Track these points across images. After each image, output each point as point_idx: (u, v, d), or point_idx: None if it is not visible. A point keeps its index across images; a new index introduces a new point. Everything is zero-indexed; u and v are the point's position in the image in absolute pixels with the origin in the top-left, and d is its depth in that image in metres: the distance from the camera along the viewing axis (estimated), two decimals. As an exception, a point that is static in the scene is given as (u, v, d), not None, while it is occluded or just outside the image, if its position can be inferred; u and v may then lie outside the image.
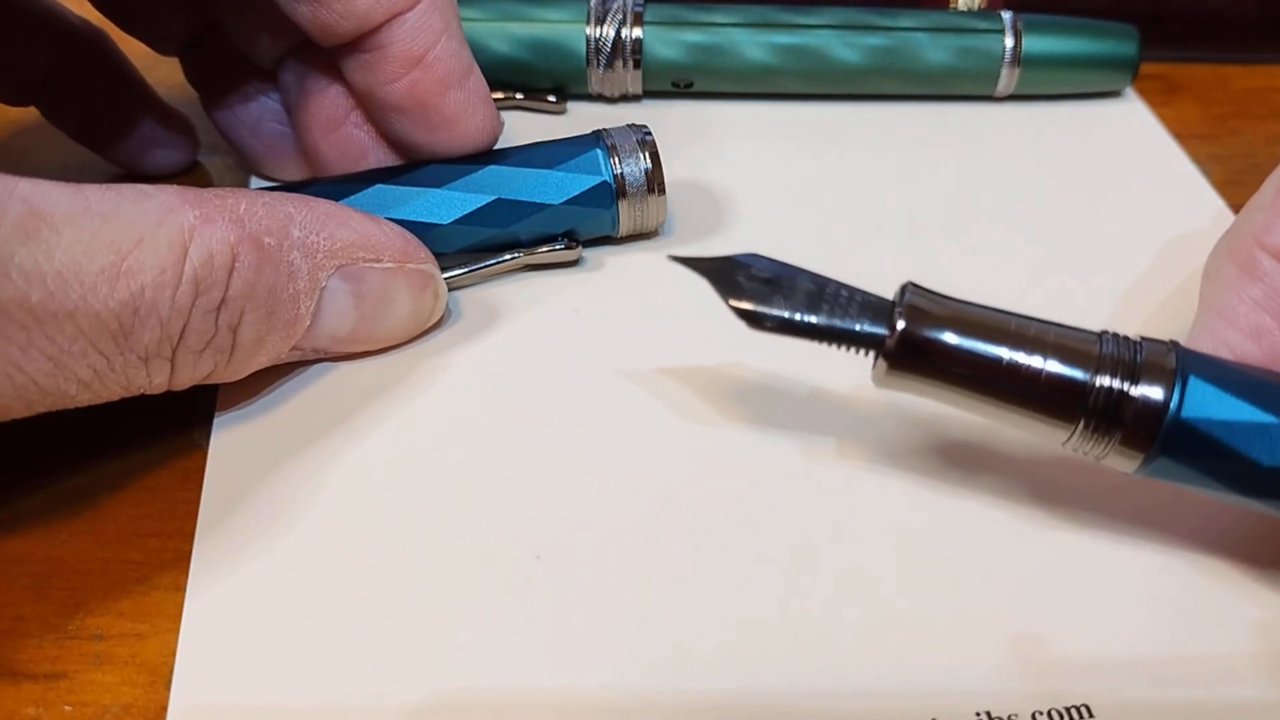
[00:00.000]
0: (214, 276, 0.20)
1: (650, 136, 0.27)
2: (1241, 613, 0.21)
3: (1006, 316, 0.20)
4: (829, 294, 0.20)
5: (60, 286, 0.18)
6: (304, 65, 0.27)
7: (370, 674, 0.20)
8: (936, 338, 0.19)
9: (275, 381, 0.25)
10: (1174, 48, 0.37)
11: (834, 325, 0.20)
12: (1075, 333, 0.20)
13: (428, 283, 0.25)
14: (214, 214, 0.20)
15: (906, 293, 0.20)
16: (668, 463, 0.24)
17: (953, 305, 0.20)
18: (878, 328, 0.20)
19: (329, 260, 0.23)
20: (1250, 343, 0.21)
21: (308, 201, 0.23)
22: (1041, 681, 0.20)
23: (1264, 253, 0.22)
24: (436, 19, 0.25)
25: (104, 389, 0.20)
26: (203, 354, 0.21)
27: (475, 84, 0.26)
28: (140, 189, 0.20)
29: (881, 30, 0.33)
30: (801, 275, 0.20)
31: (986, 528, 0.22)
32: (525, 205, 0.26)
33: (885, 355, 0.20)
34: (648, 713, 0.20)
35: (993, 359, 0.19)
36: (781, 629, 0.21)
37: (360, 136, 0.27)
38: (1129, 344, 0.20)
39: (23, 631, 0.21)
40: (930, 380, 0.20)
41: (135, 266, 0.19)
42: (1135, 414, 0.19)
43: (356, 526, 0.22)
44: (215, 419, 0.24)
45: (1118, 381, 0.19)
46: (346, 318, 0.24)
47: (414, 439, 0.24)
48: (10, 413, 0.19)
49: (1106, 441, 0.19)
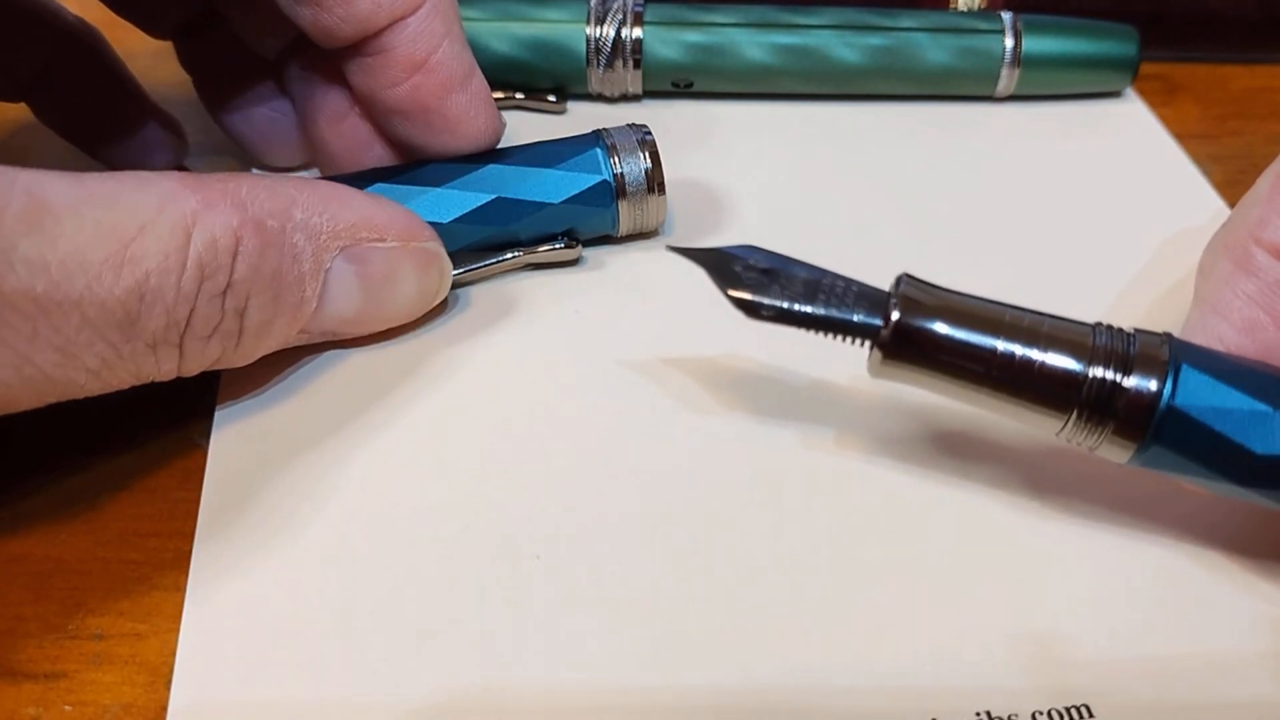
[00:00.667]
0: (218, 261, 0.20)
1: (650, 136, 0.27)
2: (1242, 611, 0.21)
3: (1001, 308, 0.20)
4: (825, 284, 0.20)
5: (65, 276, 0.18)
6: (309, 57, 0.27)
7: (370, 674, 0.20)
8: (931, 328, 0.20)
9: (275, 378, 0.25)
10: (1174, 48, 0.37)
11: (830, 315, 0.20)
12: (1069, 324, 0.20)
13: (432, 261, 0.25)
14: (216, 199, 0.20)
15: (902, 283, 0.20)
16: (668, 462, 0.24)
17: (947, 296, 0.20)
18: (873, 318, 0.20)
19: (333, 241, 0.23)
20: (1244, 337, 0.21)
21: (309, 183, 0.23)
22: (1041, 681, 0.20)
23: (1259, 248, 0.22)
24: (438, 23, 0.25)
25: (113, 377, 0.20)
26: (210, 339, 0.21)
27: (477, 86, 0.26)
28: (141, 176, 0.20)
29: (881, 30, 0.33)
30: (798, 266, 0.21)
31: (986, 526, 0.22)
32: (525, 204, 0.26)
33: (880, 345, 0.20)
34: (648, 712, 0.20)
35: (987, 349, 0.19)
36: (782, 628, 0.21)
37: (365, 127, 0.27)
38: (1123, 335, 0.20)
39: (23, 631, 0.21)
40: (925, 370, 0.20)
41: (139, 254, 0.19)
42: (1128, 403, 0.19)
43: (356, 526, 0.22)
44: (215, 419, 0.24)
45: (1111, 372, 0.19)
46: (352, 299, 0.24)
47: (413, 439, 0.24)
48: (19, 404, 0.19)
49: (1100, 431, 0.19)
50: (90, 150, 0.30)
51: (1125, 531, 0.22)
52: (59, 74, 0.28)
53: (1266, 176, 0.23)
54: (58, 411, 0.22)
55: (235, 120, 0.29)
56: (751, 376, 0.25)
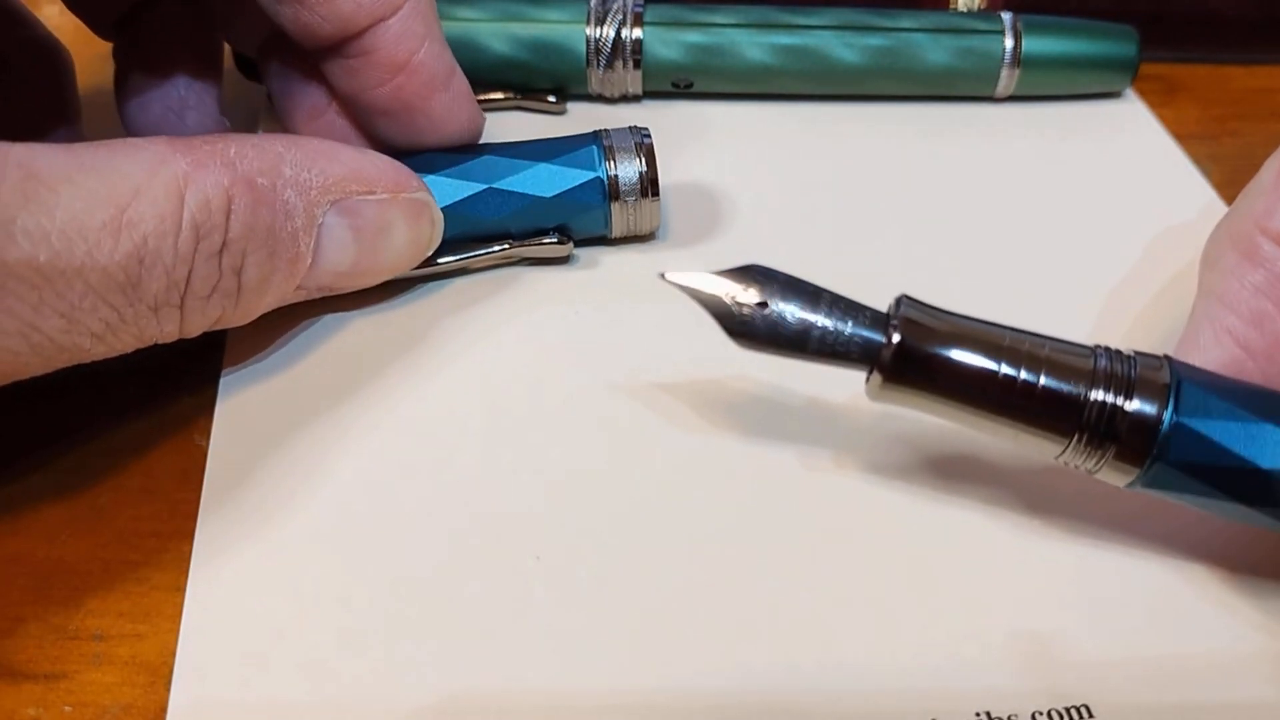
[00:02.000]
0: (212, 220, 0.20)
1: (649, 140, 0.27)
2: (1241, 612, 0.21)
3: (1001, 330, 0.20)
4: (823, 309, 0.20)
5: (65, 245, 0.18)
6: (287, 53, 0.27)
7: (370, 674, 0.20)
8: (931, 351, 0.19)
9: (275, 379, 0.25)
10: (1174, 48, 0.37)
11: (827, 345, 0.20)
12: (1070, 347, 0.20)
13: (423, 210, 0.25)
14: (205, 159, 0.21)
15: (901, 305, 0.20)
16: (668, 461, 0.24)
17: (947, 319, 0.20)
18: (872, 341, 0.19)
19: (323, 196, 0.23)
20: (1252, 329, 0.21)
21: (296, 140, 0.23)
22: (1041, 681, 0.20)
23: (1265, 237, 0.21)
24: (419, 24, 0.25)
25: (117, 341, 0.20)
26: (210, 299, 0.21)
27: (458, 85, 0.26)
28: (130, 142, 0.20)
29: (881, 31, 0.33)
30: (794, 291, 0.20)
31: (986, 527, 0.22)
32: (516, 196, 0.26)
33: (880, 369, 0.19)
34: (648, 713, 0.20)
35: (987, 373, 0.19)
36: (781, 629, 0.21)
37: (344, 124, 0.27)
38: (1123, 358, 0.20)
39: (23, 631, 0.21)
40: (924, 393, 0.20)
41: (135, 218, 0.19)
42: (1131, 426, 0.19)
43: (355, 527, 0.22)
44: (215, 420, 0.24)
45: (1112, 396, 0.19)
46: (347, 252, 0.24)
47: (413, 439, 0.24)
48: (29, 370, 0.19)
49: (1100, 455, 0.19)
50: None
51: (1125, 532, 0.22)
52: (6, 77, 0.28)
53: (1270, 166, 0.23)
54: (58, 411, 0.22)
55: (132, 109, 0.28)
56: (750, 374, 0.25)
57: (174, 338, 0.21)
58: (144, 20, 0.28)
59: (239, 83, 0.32)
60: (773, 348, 0.20)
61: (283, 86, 0.28)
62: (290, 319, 0.26)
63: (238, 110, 0.30)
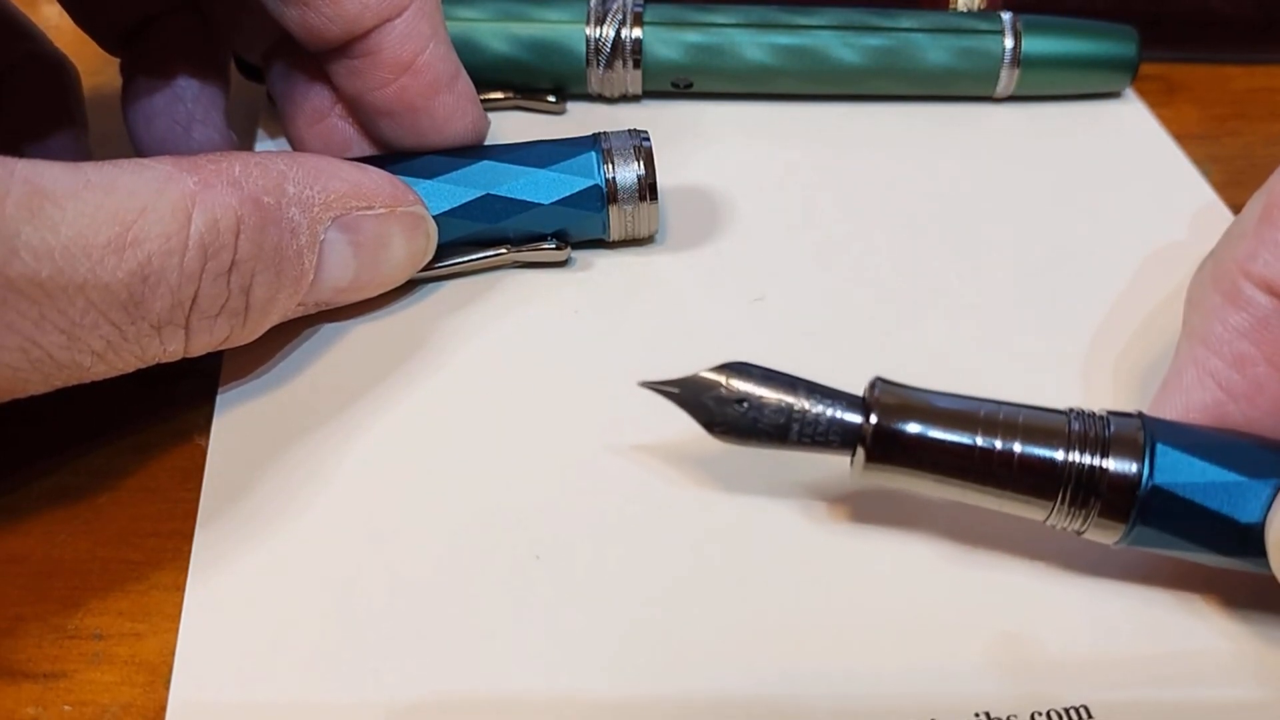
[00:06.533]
0: (221, 240, 0.20)
1: (648, 143, 0.27)
2: (1240, 613, 0.21)
3: (975, 403, 0.20)
4: (800, 399, 0.20)
5: (68, 261, 0.18)
6: (291, 56, 0.27)
7: (369, 673, 0.20)
8: (908, 430, 0.20)
9: (275, 378, 0.25)
10: (1174, 48, 0.37)
11: (807, 435, 0.20)
12: (1043, 414, 0.20)
13: (419, 224, 0.25)
14: (212, 179, 0.21)
15: (876, 388, 0.20)
16: (668, 461, 0.24)
17: (922, 397, 0.20)
18: (851, 426, 0.20)
19: (325, 213, 0.23)
20: (1234, 373, 0.21)
21: (296, 157, 0.23)
22: (1041, 682, 0.20)
23: (1247, 280, 0.21)
24: (424, 25, 0.25)
25: (118, 359, 0.20)
26: (218, 318, 0.21)
27: (463, 86, 0.26)
28: (137, 161, 0.20)
29: (881, 31, 0.33)
30: (769, 386, 0.20)
31: (985, 527, 0.22)
32: (515, 203, 0.26)
33: (862, 451, 0.20)
34: (648, 713, 0.20)
35: (965, 446, 0.20)
36: (781, 629, 0.21)
37: (345, 128, 0.27)
38: (1096, 419, 0.20)
39: (23, 631, 0.21)
40: (907, 471, 0.20)
41: (141, 236, 0.19)
42: (1110, 487, 0.19)
43: (355, 526, 0.22)
44: (215, 419, 0.24)
45: (1089, 457, 0.19)
46: (347, 267, 0.24)
47: (413, 439, 0.24)
48: (30, 387, 0.19)
49: (1085, 515, 0.20)
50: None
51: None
52: (10, 90, 0.28)
53: (1253, 206, 0.22)
54: (58, 411, 0.22)
55: (138, 123, 0.28)
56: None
57: (178, 356, 0.21)
58: (149, 34, 0.28)
59: (238, 83, 0.32)
60: (754, 441, 0.21)
61: (286, 90, 0.28)
62: (289, 322, 0.26)
63: (237, 111, 0.30)
